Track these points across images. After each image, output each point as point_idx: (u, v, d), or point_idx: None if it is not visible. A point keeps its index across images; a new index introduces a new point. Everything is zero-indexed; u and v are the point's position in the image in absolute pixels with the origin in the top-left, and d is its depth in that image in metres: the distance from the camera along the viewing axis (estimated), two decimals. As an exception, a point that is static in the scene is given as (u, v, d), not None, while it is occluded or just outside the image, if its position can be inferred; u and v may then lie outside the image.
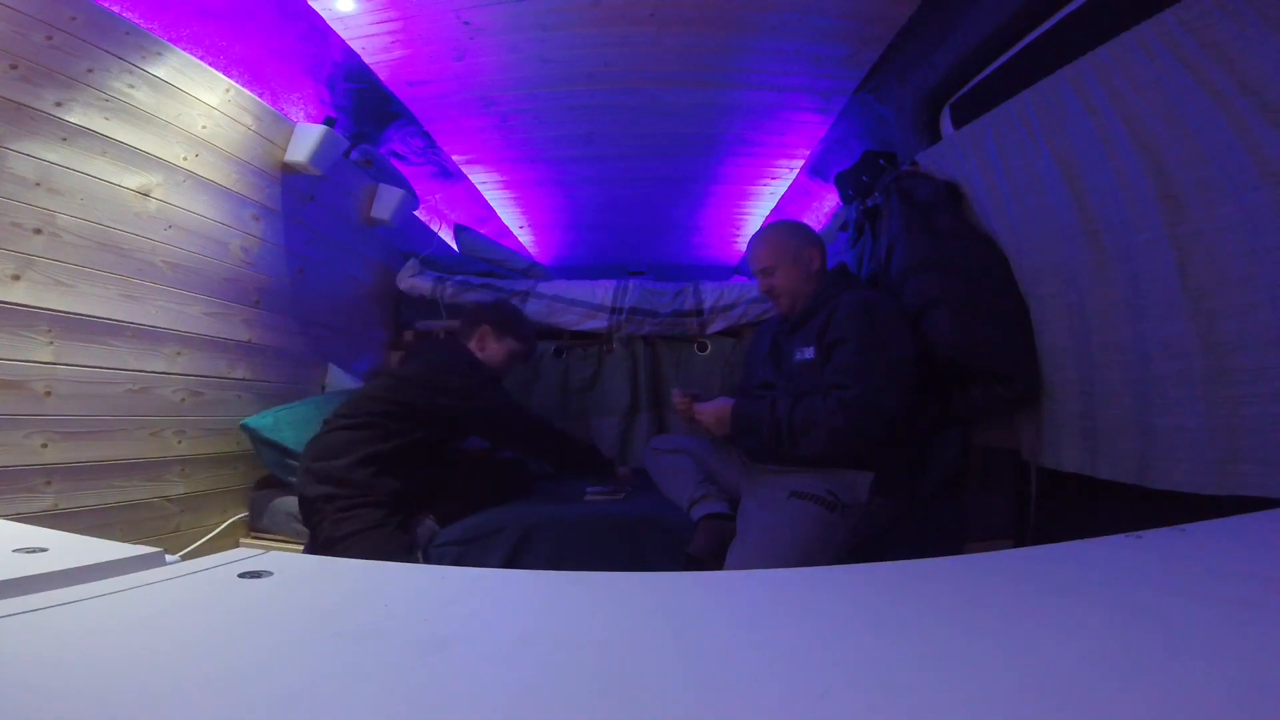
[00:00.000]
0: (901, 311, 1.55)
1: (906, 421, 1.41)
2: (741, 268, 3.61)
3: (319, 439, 1.52)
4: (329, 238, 2.14)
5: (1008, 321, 1.57)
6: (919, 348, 1.49)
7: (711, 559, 1.37)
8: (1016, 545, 1.48)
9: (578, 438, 1.79)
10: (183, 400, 1.56)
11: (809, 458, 1.41)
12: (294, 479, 1.57)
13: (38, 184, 1.22)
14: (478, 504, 1.60)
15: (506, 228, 3.48)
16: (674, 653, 0.32)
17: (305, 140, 1.85)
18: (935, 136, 1.97)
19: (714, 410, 1.54)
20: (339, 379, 2.13)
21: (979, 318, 1.55)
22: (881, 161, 2.13)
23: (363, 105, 2.22)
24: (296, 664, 0.31)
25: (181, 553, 1.45)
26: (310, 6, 1.77)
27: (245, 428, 1.69)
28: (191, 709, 0.26)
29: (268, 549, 0.56)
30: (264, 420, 1.69)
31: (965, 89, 1.86)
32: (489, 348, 1.76)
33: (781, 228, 1.74)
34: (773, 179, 2.95)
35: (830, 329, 1.45)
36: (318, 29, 1.86)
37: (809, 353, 1.50)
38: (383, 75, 2.12)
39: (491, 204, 3.21)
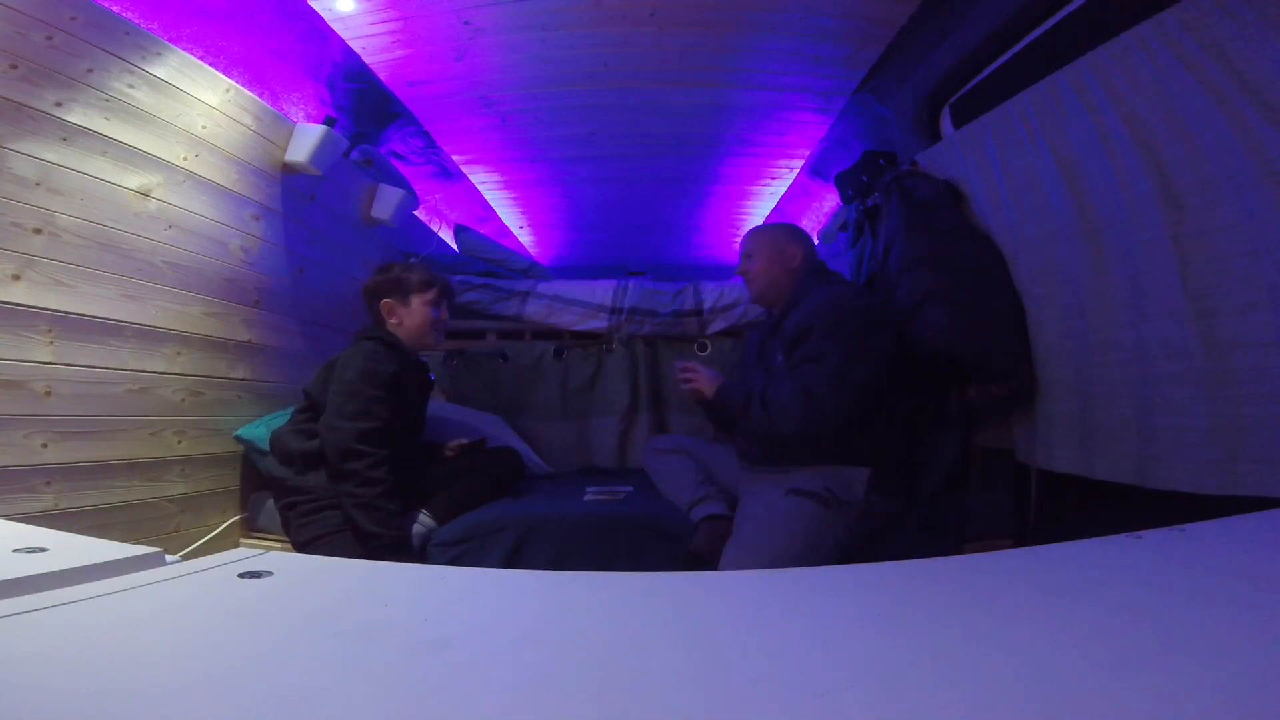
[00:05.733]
0: (869, 300, 1.57)
1: (886, 411, 1.43)
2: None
3: (276, 442, 1.52)
4: (329, 238, 2.14)
5: (1003, 320, 1.57)
6: (893, 332, 1.50)
7: (712, 559, 1.37)
8: (1016, 545, 1.49)
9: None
10: (183, 400, 1.56)
11: (775, 437, 1.43)
12: None
13: (38, 184, 1.22)
14: (471, 496, 1.59)
15: (506, 228, 3.48)
16: (674, 653, 0.32)
17: (305, 140, 1.85)
18: (935, 136, 1.97)
19: (707, 376, 1.56)
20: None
21: (974, 314, 1.55)
22: (881, 161, 2.13)
23: (363, 105, 2.21)
24: (296, 664, 0.31)
25: (181, 553, 1.45)
26: (310, 6, 1.77)
27: (240, 439, 1.69)
28: (191, 709, 0.26)
29: (268, 549, 0.56)
30: (257, 430, 1.69)
31: (965, 89, 1.86)
32: (403, 318, 1.61)
33: (773, 224, 1.82)
34: (773, 179, 2.94)
35: (796, 324, 1.47)
36: (318, 29, 1.86)
37: (782, 353, 1.52)
38: (383, 75, 2.11)
39: (491, 204, 3.20)
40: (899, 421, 1.52)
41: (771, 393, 1.43)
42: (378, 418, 1.40)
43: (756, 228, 1.78)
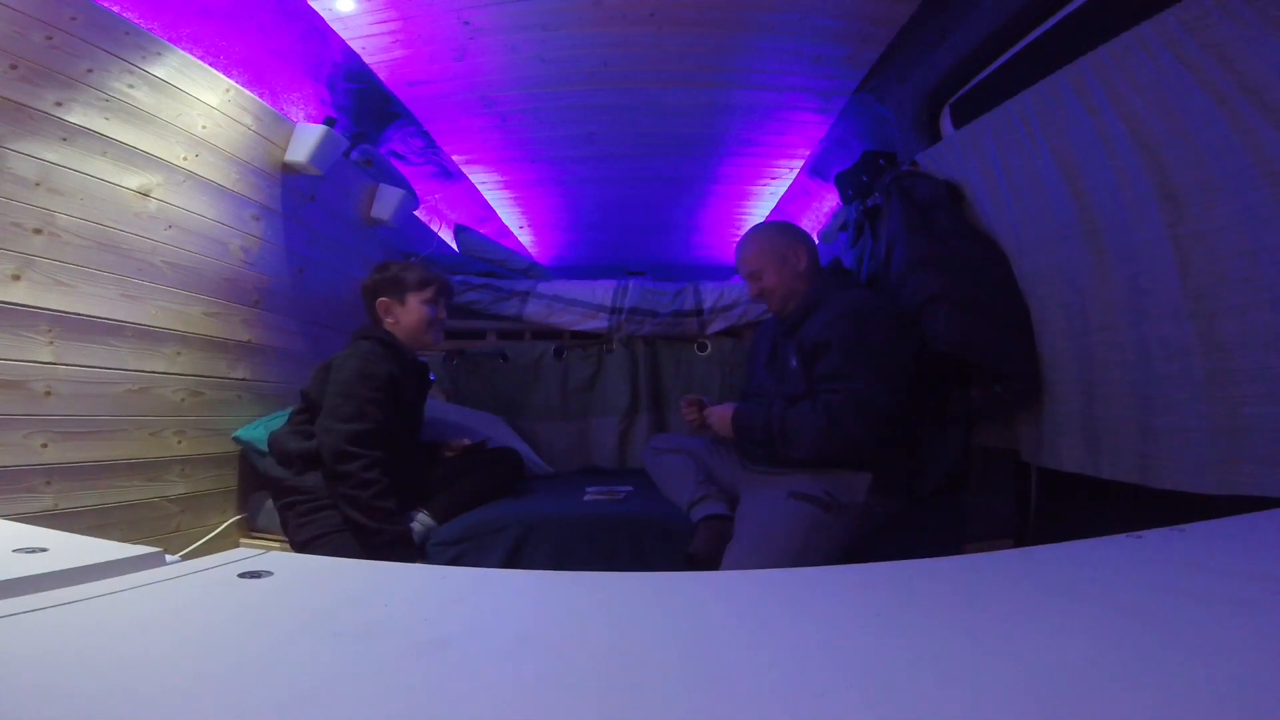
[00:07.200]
0: (892, 311, 1.54)
1: (898, 422, 1.41)
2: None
3: (274, 443, 1.52)
4: (329, 238, 2.14)
5: (1007, 321, 1.57)
6: (915, 346, 1.48)
7: (711, 559, 1.37)
8: (1016, 545, 1.49)
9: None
10: (183, 400, 1.56)
11: (799, 461, 1.41)
12: None
13: (38, 184, 1.22)
14: (471, 496, 1.59)
15: (506, 228, 3.48)
16: (674, 653, 0.32)
17: (305, 140, 1.85)
18: (935, 136, 1.97)
19: (719, 413, 1.55)
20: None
21: (978, 315, 1.55)
22: (881, 161, 2.12)
23: (363, 105, 2.21)
24: (296, 664, 0.31)
25: (181, 553, 1.45)
26: (310, 6, 1.77)
27: (238, 440, 1.69)
28: (191, 709, 0.26)
29: (268, 549, 0.56)
30: (255, 432, 1.69)
31: (965, 89, 1.86)
32: (400, 317, 1.61)
33: (764, 229, 1.75)
34: (773, 179, 2.95)
35: (816, 333, 1.45)
36: (318, 29, 1.86)
37: (797, 359, 1.50)
38: (383, 75, 2.11)
39: (491, 204, 3.20)
40: (902, 424, 1.52)
41: (792, 417, 1.39)
42: (372, 420, 1.40)
43: (752, 236, 1.69)
